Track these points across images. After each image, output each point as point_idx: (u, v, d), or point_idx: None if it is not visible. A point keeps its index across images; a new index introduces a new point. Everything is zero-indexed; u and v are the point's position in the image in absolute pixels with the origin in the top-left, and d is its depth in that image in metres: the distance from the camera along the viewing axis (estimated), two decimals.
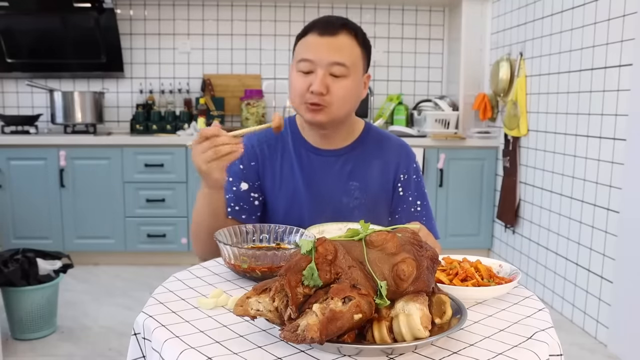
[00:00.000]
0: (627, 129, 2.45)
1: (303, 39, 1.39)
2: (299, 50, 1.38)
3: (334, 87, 1.34)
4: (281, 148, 1.47)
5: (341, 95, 1.35)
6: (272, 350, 0.78)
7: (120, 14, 4.08)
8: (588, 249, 2.75)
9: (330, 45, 1.34)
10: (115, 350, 2.49)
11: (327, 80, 1.33)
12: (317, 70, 1.33)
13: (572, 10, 2.87)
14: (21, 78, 4.03)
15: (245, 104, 4.00)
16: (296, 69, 1.37)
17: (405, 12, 4.28)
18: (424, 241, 0.85)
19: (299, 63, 1.36)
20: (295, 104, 1.39)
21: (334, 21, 1.37)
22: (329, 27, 1.35)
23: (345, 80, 1.35)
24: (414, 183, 1.50)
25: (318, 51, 1.34)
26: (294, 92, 1.38)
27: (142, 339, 0.90)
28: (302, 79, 1.35)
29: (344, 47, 1.35)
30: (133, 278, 3.49)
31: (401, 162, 1.50)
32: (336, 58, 1.33)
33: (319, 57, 1.33)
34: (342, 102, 1.36)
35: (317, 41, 1.35)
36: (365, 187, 1.45)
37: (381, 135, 1.53)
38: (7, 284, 2.49)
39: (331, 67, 1.33)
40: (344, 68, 1.33)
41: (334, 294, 0.73)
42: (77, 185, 3.60)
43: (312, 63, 1.34)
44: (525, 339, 0.83)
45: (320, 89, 1.32)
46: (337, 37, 1.35)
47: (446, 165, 3.74)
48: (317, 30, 1.36)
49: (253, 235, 1.20)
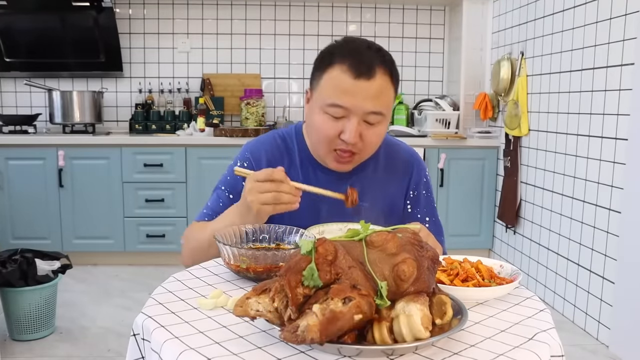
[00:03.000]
0: (628, 129, 2.44)
1: (330, 72, 1.23)
2: (326, 88, 1.24)
3: (368, 134, 1.24)
4: (288, 162, 1.40)
5: (375, 142, 1.27)
6: (271, 351, 0.77)
7: (119, 13, 4.08)
8: (589, 249, 2.74)
9: (367, 93, 1.20)
10: (114, 351, 2.48)
11: (361, 128, 1.23)
12: (351, 118, 1.22)
13: (573, 10, 2.86)
14: (19, 77, 4.02)
15: (245, 103, 3.99)
16: (323, 111, 1.24)
17: (405, 11, 4.27)
18: (425, 241, 0.84)
19: (329, 107, 1.23)
20: (320, 147, 1.29)
21: (368, 60, 1.21)
22: (364, 67, 1.20)
23: (379, 126, 1.26)
24: (424, 199, 1.46)
25: (354, 98, 1.20)
26: (321, 136, 1.26)
27: (141, 339, 0.90)
28: (332, 123, 1.24)
29: (382, 94, 1.22)
30: (132, 278, 3.48)
31: (412, 178, 1.45)
32: (374, 107, 1.21)
33: (354, 106, 1.21)
34: (373, 149, 1.29)
35: (351, 85, 1.20)
36: (376, 207, 1.39)
37: (392, 149, 1.45)
38: (6, 285, 2.48)
39: (367, 115, 1.22)
40: (381, 116, 1.24)
41: (334, 294, 0.73)
42: (76, 185, 3.60)
43: (346, 110, 1.22)
44: (526, 339, 0.83)
45: (356, 140, 1.23)
46: (374, 80, 1.21)
47: (447, 165, 3.73)
48: (349, 68, 1.20)
49: (252, 236, 1.19)
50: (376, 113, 1.23)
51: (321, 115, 1.25)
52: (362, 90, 1.20)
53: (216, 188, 1.44)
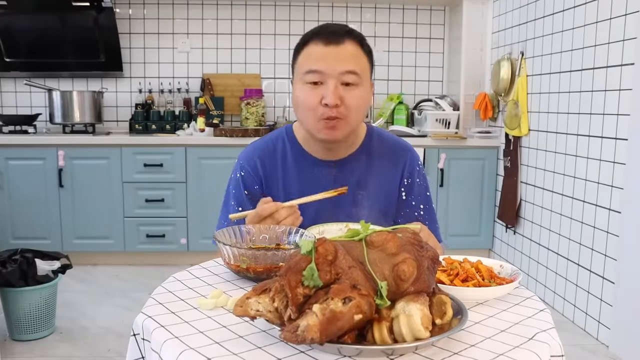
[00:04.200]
0: (628, 129, 2.44)
1: (305, 50, 1.31)
2: (302, 63, 1.31)
3: (348, 96, 1.27)
4: (281, 161, 1.42)
5: (355, 104, 1.29)
6: (271, 350, 0.77)
7: (119, 13, 4.08)
8: (589, 249, 2.74)
9: (338, 54, 1.27)
10: (114, 351, 2.48)
11: (339, 91, 1.27)
12: (328, 82, 1.26)
13: (573, 10, 2.86)
14: (19, 77, 4.02)
15: (245, 103, 3.99)
16: (302, 81, 1.30)
17: (405, 11, 4.27)
18: (425, 241, 0.84)
19: (305, 75, 1.29)
20: (307, 121, 1.32)
21: (337, 29, 1.30)
22: (333, 35, 1.28)
23: (357, 88, 1.29)
24: (417, 187, 1.47)
25: (326, 61, 1.26)
26: (304, 107, 1.30)
27: (142, 339, 0.90)
28: (312, 91, 1.28)
29: (353, 56, 1.28)
30: (132, 278, 3.48)
31: (406, 166, 1.46)
32: (347, 66, 1.27)
33: (328, 67, 1.26)
34: (357, 112, 1.31)
35: (323, 51, 1.27)
36: (373, 194, 1.41)
37: (384, 139, 1.48)
38: (6, 285, 2.48)
39: (342, 76, 1.27)
40: (356, 76, 1.28)
41: (334, 294, 0.73)
42: (76, 185, 3.60)
43: (322, 74, 1.27)
44: (526, 339, 0.83)
45: (335, 101, 1.25)
46: (344, 45, 1.28)
47: (447, 165, 3.73)
48: (320, 40, 1.29)
49: (253, 236, 1.19)
50: (350, 72, 1.27)
51: (301, 86, 1.30)
52: (333, 53, 1.27)
53: (225, 205, 1.46)
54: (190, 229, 3.67)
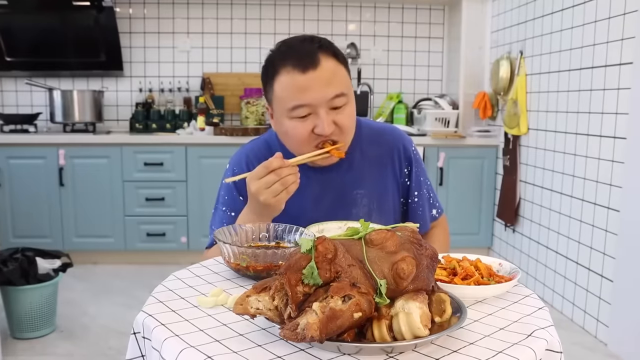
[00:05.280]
0: (627, 128, 2.45)
1: (279, 80, 1.23)
2: (283, 96, 1.22)
3: (339, 119, 1.23)
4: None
5: (348, 124, 1.26)
6: (271, 348, 0.78)
7: (119, 12, 4.08)
8: (588, 247, 2.75)
9: (320, 79, 1.19)
10: (114, 349, 2.48)
11: (331, 117, 1.22)
12: (318, 111, 1.21)
13: (572, 9, 2.87)
14: (20, 77, 4.03)
15: (245, 102, 3.99)
16: (289, 117, 1.23)
17: (405, 11, 4.27)
18: (424, 240, 0.84)
19: (293, 111, 1.22)
20: (301, 152, 1.26)
21: (307, 50, 1.21)
22: (307, 58, 1.20)
23: (347, 107, 1.24)
24: (415, 175, 1.45)
25: (311, 91, 1.19)
26: (296, 140, 1.25)
27: (142, 337, 0.90)
28: (301, 124, 1.23)
29: (335, 75, 1.22)
30: (132, 277, 3.49)
31: (401, 156, 1.43)
32: (333, 90, 1.21)
33: (315, 98, 1.20)
34: (350, 130, 1.28)
35: (303, 80, 1.19)
36: (371, 191, 1.39)
37: (374, 130, 1.44)
38: (7, 283, 2.48)
39: (332, 101, 1.21)
40: (344, 97, 1.23)
41: (334, 292, 0.73)
42: (77, 184, 3.60)
43: (310, 106, 1.21)
44: (525, 337, 0.83)
45: (330, 130, 1.22)
46: (321, 66, 1.20)
47: (446, 164, 3.74)
48: (293, 67, 1.20)
49: (253, 234, 1.19)
50: (338, 95, 1.22)
51: (289, 121, 1.25)
52: (315, 80, 1.20)
53: (216, 210, 1.43)
54: (191, 227, 3.67)
